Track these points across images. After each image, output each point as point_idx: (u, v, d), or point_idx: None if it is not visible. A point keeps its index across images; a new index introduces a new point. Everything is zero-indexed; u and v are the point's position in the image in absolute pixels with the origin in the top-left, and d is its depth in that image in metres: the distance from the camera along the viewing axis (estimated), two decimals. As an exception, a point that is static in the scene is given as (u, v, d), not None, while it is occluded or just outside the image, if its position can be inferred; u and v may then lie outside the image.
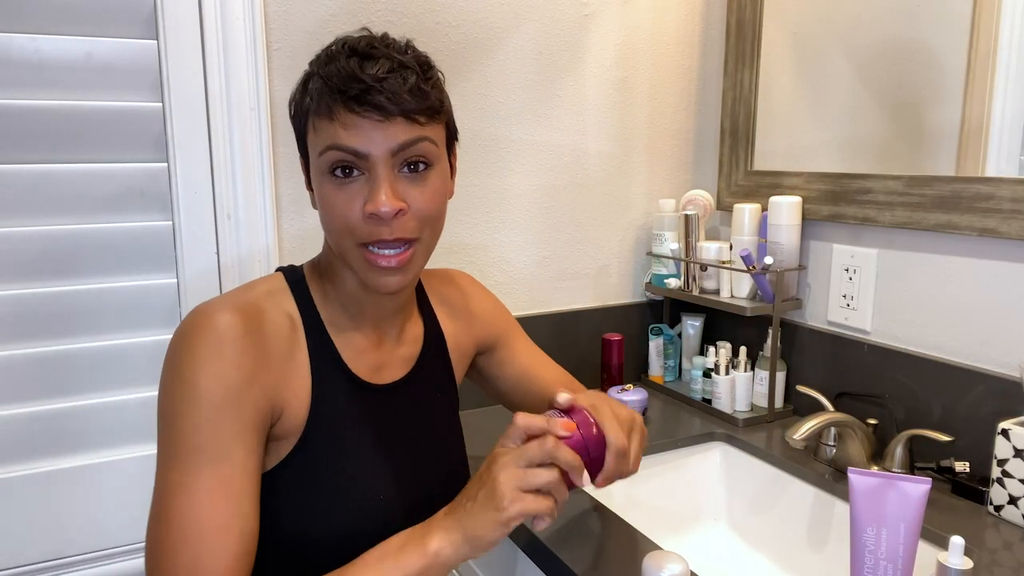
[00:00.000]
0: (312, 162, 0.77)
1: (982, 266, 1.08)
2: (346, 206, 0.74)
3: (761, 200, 1.38)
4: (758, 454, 1.21)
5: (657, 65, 1.50)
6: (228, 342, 0.71)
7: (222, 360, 0.70)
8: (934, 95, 1.12)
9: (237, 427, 0.70)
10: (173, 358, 0.72)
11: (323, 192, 0.75)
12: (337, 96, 0.72)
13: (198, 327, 0.72)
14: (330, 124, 0.73)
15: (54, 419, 1.09)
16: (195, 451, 0.69)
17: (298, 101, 0.78)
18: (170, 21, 1.07)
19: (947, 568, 0.76)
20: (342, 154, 0.73)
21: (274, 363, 0.75)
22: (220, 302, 0.74)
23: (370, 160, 0.73)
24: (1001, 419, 0.98)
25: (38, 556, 1.10)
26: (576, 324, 1.48)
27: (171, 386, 0.71)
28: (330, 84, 0.72)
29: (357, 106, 0.71)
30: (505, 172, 1.39)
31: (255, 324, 0.74)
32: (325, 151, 0.73)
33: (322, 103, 0.73)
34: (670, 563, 0.74)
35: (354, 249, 0.75)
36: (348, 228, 0.74)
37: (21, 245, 1.06)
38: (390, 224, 0.73)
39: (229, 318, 0.72)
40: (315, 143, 0.75)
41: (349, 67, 0.72)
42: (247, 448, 0.71)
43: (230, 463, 0.70)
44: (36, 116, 1.04)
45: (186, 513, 0.68)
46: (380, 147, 0.72)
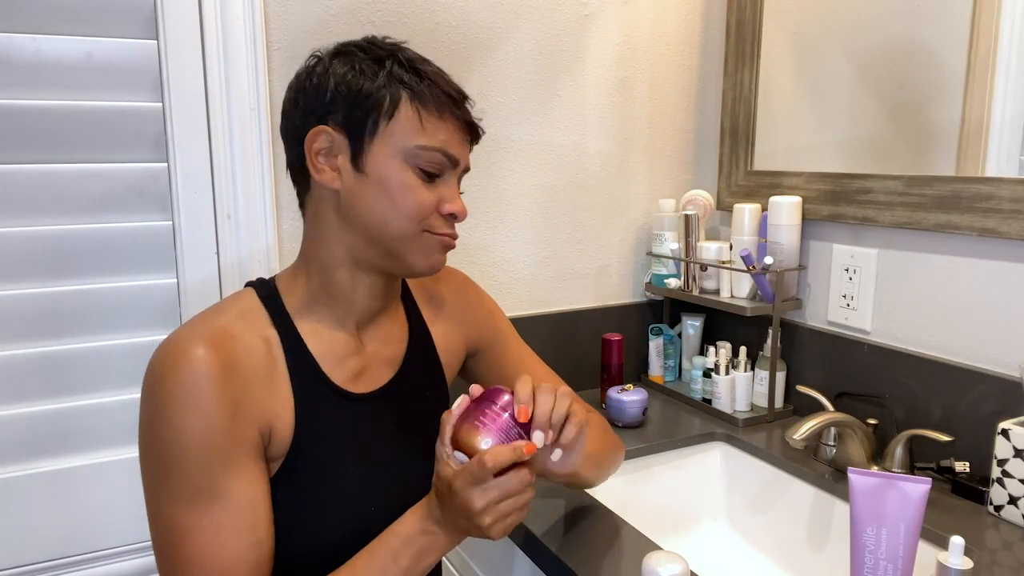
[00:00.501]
0: (397, 147, 0.76)
1: (982, 266, 1.08)
2: (428, 201, 0.78)
3: (761, 200, 1.38)
4: (758, 454, 1.21)
5: (657, 65, 1.50)
6: (206, 381, 0.70)
7: (203, 401, 0.70)
8: (934, 95, 1.12)
9: (231, 461, 0.71)
10: (152, 404, 0.71)
11: (404, 179, 0.77)
12: (448, 100, 0.77)
13: (171, 366, 0.70)
14: (440, 123, 0.77)
15: (54, 419, 1.09)
16: (197, 494, 0.69)
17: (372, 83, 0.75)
18: (170, 21, 1.07)
19: (947, 568, 0.76)
20: (444, 159, 0.78)
21: (254, 390, 0.74)
22: (192, 334, 0.72)
23: (457, 168, 0.80)
24: (1001, 419, 0.98)
25: (38, 556, 1.10)
26: (576, 324, 1.48)
27: (154, 432, 0.70)
28: (438, 84, 0.77)
29: (462, 116, 0.79)
30: (505, 172, 1.39)
31: (230, 356, 0.72)
32: (433, 151, 0.77)
33: (431, 97, 0.76)
34: (670, 563, 0.74)
35: (418, 235, 0.79)
36: (421, 217, 0.78)
37: (21, 245, 1.06)
38: (454, 225, 0.83)
39: (203, 354, 0.71)
40: (415, 133, 0.76)
41: (446, 76, 0.79)
42: (248, 478, 0.72)
43: (233, 498, 0.71)
44: (36, 116, 1.04)
45: (202, 553, 0.69)
46: (465, 161, 0.82)
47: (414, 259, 0.80)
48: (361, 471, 0.81)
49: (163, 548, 0.71)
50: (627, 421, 1.28)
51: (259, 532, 0.72)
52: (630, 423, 1.29)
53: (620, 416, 1.28)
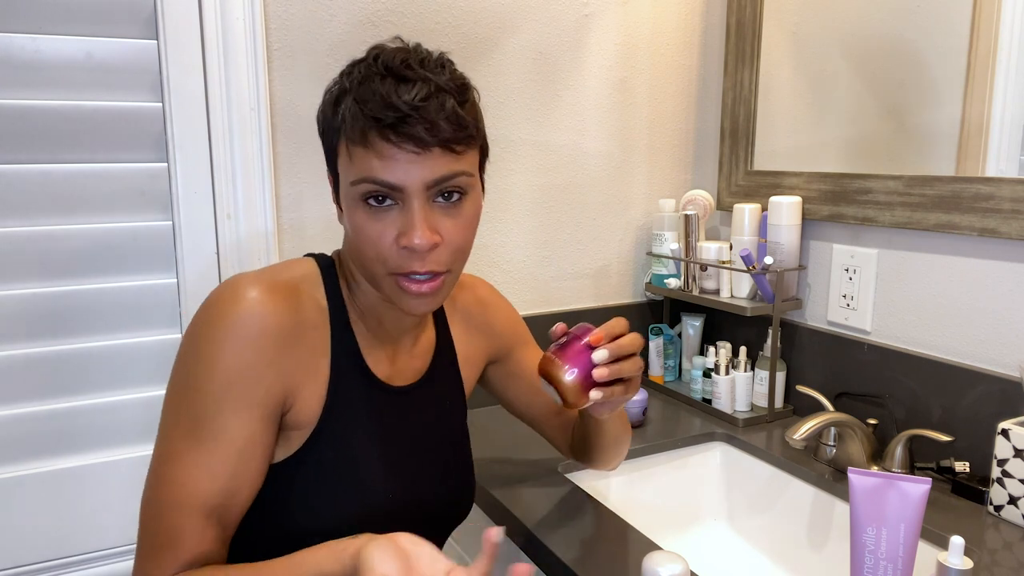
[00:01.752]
0: (343, 187, 0.74)
1: (982, 266, 1.08)
2: (379, 236, 0.71)
3: (761, 200, 1.38)
4: (758, 454, 1.21)
5: (657, 65, 1.50)
6: (253, 321, 0.71)
7: (242, 339, 0.70)
8: (934, 95, 1.12)
9: (243, 407, 0.71)
10: (196, 328, 0.72)
11: (355, 219, 0.73)
12: (372, 123, 0.69)
13: (226, 300, 0.71)
14: (364, 153, 0.70)
15: (54, 419, 1.09)
16: (196, 424, 0.70)
17: (329, 118, 0.74)
18: (170, 21, 1.07)
19: (947, 568, 0.76)
20: (376, 187, 0.70)
21: (295, 350, 0.75)
22: (255, 277, 0.74)
23: (405, 192, 0.70)
24: (1001, 419, 0.98)
25: (38, 556, 1.10)
26: (576, 324, 1.48)
27: (187, 356, 0.72)
28: (364, 109, 0.69)
29: (393, 136, 0.68)
30: (505, 172, 1.39)
31: (284, 308, 0.73)
32: (359, 182, 0.71)
33: (355, 129, 0.70)
34: (670, 563, 0.74)
35: (386, 277, 0.74)
36: (380, 258, 0.72)
37: (21, 245, 1.06)
38: (423, 257, 0.72)
39: (260, 296, 0.71)
40: (348, 170, 0.72)
41: (384, 91, 0.68)
42: (250, 429, 0.72)
43: (227, 442, 0.70)
44: (36, 116, 1.04)
45: (174, 481, 0.70)
46: (416, 180, 0.70)
47: (396, 301, 0.76)
48: (382, 459, 0.81)
49: (151, 463, 0.72)
50: (627, 421, 1.28)
51: (237, 481, 0.71)
52: (630, 423, 1.28)
53: (620, 416, 1.28)
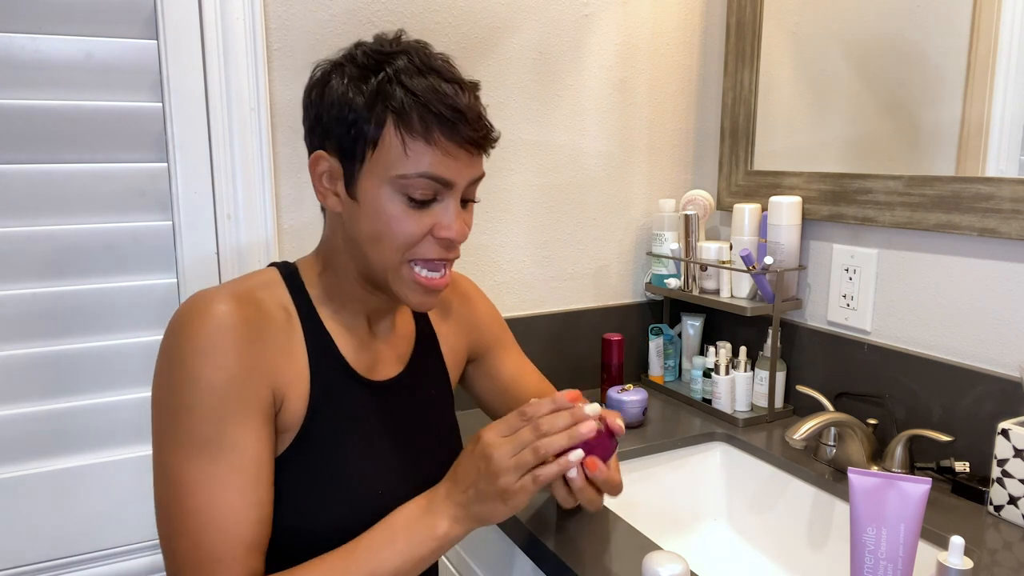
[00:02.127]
0: (381, 176, 0.73)
1: (982, 266, 1.08)
2: (415, 227, 0.74)
3: (761, 200, 1.38)
4: (758, 454, 1.21)
5: (657, 65, 1.50)
6: (227, 331, 0.71)
7: (222, 350, 0.70)
8: (934, 95, 1.12)
9: (244, 416, 0.71)
10: (171, 349, 0.71)
11: (391, 209, 0.73)
12: (438, 120, 0.71)
13: (196, 316, 0.72)
14: (427, 149, 0.72)
15: (54, 419, 1.09)
16: (206, 443, 0.69)
17: (364, 108, 0.72)
18: (170, 21, 1.07)
19: (947, 568, 0.76)
20: (433, 184, 0.73)
21: (271, 352, 0.75)
22: (216, 291, 0.74)
23: (454, 188, 0.75)
24: (1001, 419, 0.98)
25: (39, 556, 1.10)
26: (576, 324, 1.48)
27: (171, 378, 0.71)
28: (430, 106, 0.71)
29: (457, 136, 0.72)
30: (505, 172, 1.39)
31: (251, 312, 0.74)
32: (416, 177, 0.72)
33: (417, 121, 0.71)
34: (670, 563, 0.74)
35: (403, 266, 0.76)
36: (408, 245, 0.75)
37: (21, 245, 1.06)
38: (452, 247, 0.77)
39: (226, 307, 0.72)
40: (398, 161, 0.72)
41: (439, 88, 0.72)
42: (257, 436, 0.72)
43: (241, 452, 0.70)
44: (36, 116, 1.04)
45: (203, 504, 0.68)
46: (465, 178, 0.75)
47: (400, 295, 0.78)
48: (370, 455, 0.81)
49: (164, 499, 0.70)
50: (627, 421, 1.28)
51: (261, 492, 0.71)
52: (630, 423, 1.29)
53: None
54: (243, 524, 0.70)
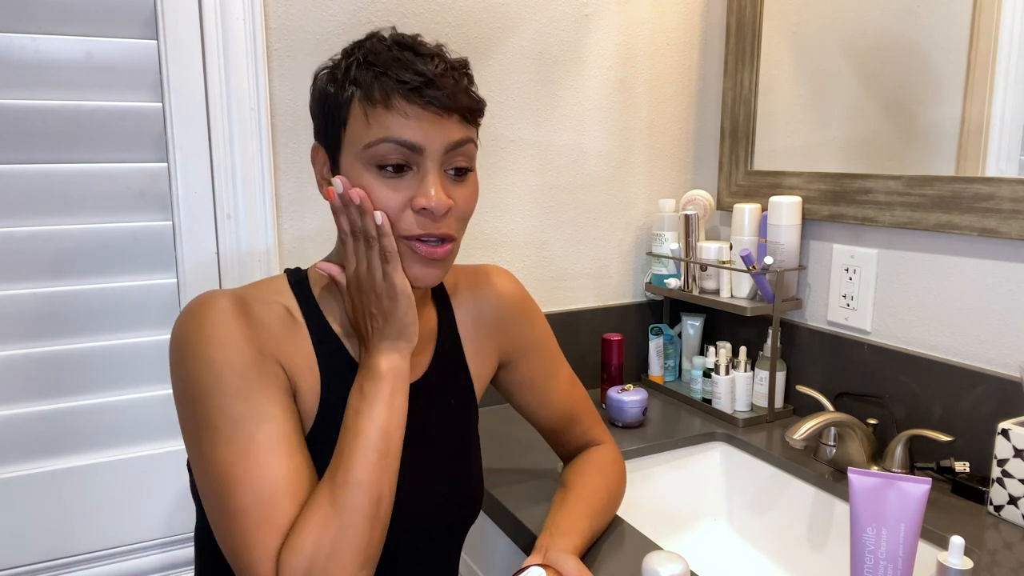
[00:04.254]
0: (353, 153, 0.73)
1: (982, 266, 1.08)
2: (392, 200, 0.73)
3: (761, 200, 1.38)
4: (758, 454, 1.21)
5: (657, 65, 1.50)
6: (233, 319, 0.72)
7: (232, 334, 0.71)
8: (934, 95, 1.12)
9: (268, 391, 0.71)
10: (182, 342, 0.72)
11: (365, 185, 0.73)
12: (397, 86, 0.71)
13: (201, 309, 0.73)
14: (387, 113, 0.71)
15: (54, 419, 1.09)
16: (239, 421, 0.69)
17: (335, 91, 0.74)
18: (170, 21, 1.07)
19: (947, 568, 0.76)
20: (397, 147, 0.71)
21: (277, 342, 0.75)
22: (218, 291, 0.76)
23: (424, 154, 0.72)
24: (1001, 419, 0.98)
25: (38, 556, 1.10)
26: (576, 324, 1.48)
27: (188, 368, 0.71)
28: (390, 73, 0.71)
29: (418, 98, 0.71)
30: (505, 172, 1.39)
31: (253, 311, 0.75)
32: (377, 143, 0.71)
33: (377, 91, 0.71)
34: (670, 563, 0.74)
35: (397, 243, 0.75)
36: (392, 220, 0.74)
37: (21, 245, 1.06)
38: (438, 221, 0.74)
39: (229, 303, 0.73)
40: (364, 133, 0.72)
41: (405, 58, 0.72)
42: (284, 407, 0.72)
43: (276, 422, 0.71)
44: (36, 116, 1.04)
45: (255, 476, 0.68)
46: (437, 142, 0.73)
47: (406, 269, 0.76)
48: None
49: (210, 487, 0.70)
50: (627, 421, 1.28)
51: (304, 457, 0.72)
52: (630, 423, 1.29)
53: (620, 416, 1.28)
54: (298, 484, 0.69)
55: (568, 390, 1.00)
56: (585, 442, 1.01)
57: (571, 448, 1.02)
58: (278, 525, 0.68)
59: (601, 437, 1.02)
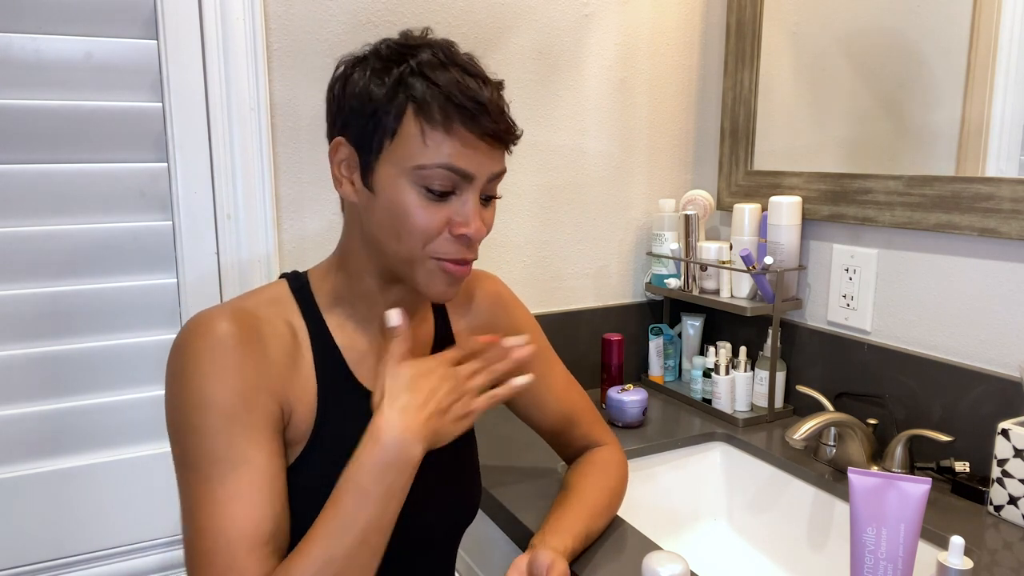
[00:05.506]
0: (400, 168, 0.72)
1: (982, 266, 1.08)
2: (432, 220, 0.73)
3: (761, 200, 1.38)
4: (758, 454, 1.21)
5: (657, 65, 1.50)
6: (229, 350, 0.71)
7: (225, 368, 0.70)
8: (934, 95, 1.12)
9: (251, 432, 0.70)
10: (176, 370, 0.71)
11: (408, 201, 0.73)
12: (458, 111, 0.71)
13: (197, 336, 0.71)
14: (446, 138, 0.71)
15: (54, 419, 1.09)
16: (214, 461, 0.69)
17: (383, 95, 0.72)
18: (170, 21, 1.07)
19: (947, 568, 0.76)
20: (452, 175, 0.72)
21: (277, 367, 0.74)
22: (218, 310, 0.74)
23: (472, 183, 0.74)
24: (1001, 419, 0.98)
25: (38, 556, 1.10)
26: (576, 324, 1.48)
27: (178, 399, 0.71)
28: (452, 96, 0.71)
29: (477, 128, 0.72)
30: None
31: (253, 332, 0.73)
32: (435, 167, 0.72)
33: (437, 111, 0.71)
34: (670, 563, 0.74)
35: (426, 260, 0.75)
36: (427, 240, 0.74)
37: (21, 245, 1.06)
38: (471, 246, 0.76)
39: (227, 326, 0.72)
40: (417, 152, 0.72)
41: (462, 81, 0.72)
42: (267, 451, 0.71)
43: (251, 468, 0.69)
44: (36, 116, 1.04)
45: (214, 522, 0.67)
46: (485, 172, 0.75)
47: (421, 285, 0.77)
48: None
49: (183, 518, 0.70)
50: (627, 421, 1.28)
51: (276, 506, 0.70)
52: (630, 423, 1.29)
53: (620, 416, 1.28)
54: (254, 540, 0.68)
55: (564, 391, 1.00)
56: (586, 444, 1.01)
57: (573, 450, 1.01)
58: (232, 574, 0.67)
59: (603, 438, 1.01)
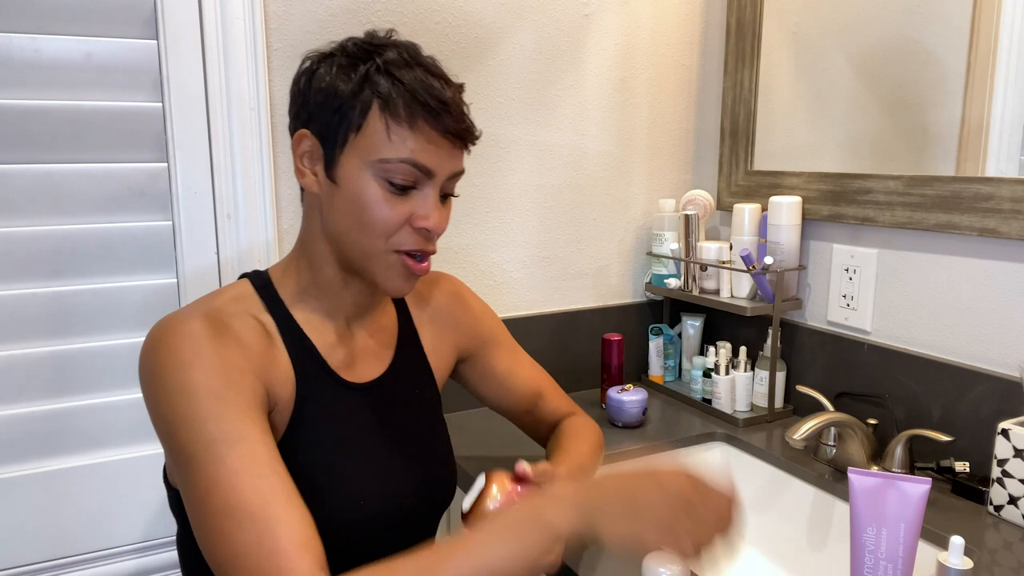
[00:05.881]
0: (364, 160, 0.75)
1: (982, 266, 1.08)
2: (393, 214, 0.76)
3: (761, 200, 1.38)
4: (758, 454, 1.21)
5: (657, 65, 1.50)
6: (206, 339, 0.71)
7: (205, 356, 0.70)
8: (934, 95, 1.12)
9: (241, 410, 0.70)
10: (153, 368, 0.70)
11: (370, 192, 0.75)
12: (423, 109, 0.74)
13: (170, 334, 0.71)
14: (410, 134, 0.74)
15: (54, 419, 1.09)
16: (211, 444, 0.68)
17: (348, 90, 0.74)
18: (170, 21, 1.07)
19: (947, 568, 0.76)
20: (414, 170, 0.75)
21: (256, 356, 0.74)
22: (184, 312, 0.74)
23: (432, 179, 0.77)
24: (1001, 419, 0.98)
25: (38, 556, 1.10)
26: (576, 324, 1.48)
27: (162, 392, 0.70)
28: (416, 94, 0.73)
29: (440, 126, 0.75)
30: (505, 172, 1.39)
31: (224, 327, 0.73)
32: (397, 162, 0.74)
33: (402, 108, 0.73)
34: (670, 563, 0.74)
35: (388, 254, 0.77)
36: (388, 234, 0.76)
37: (21, 245, 1.06)
38: (431, 239, 0.79)
39: (199, 323, 0.72)
40: (381, 146, 0.74)
41: (425, 80, 0.75)
42: (259, 427, 0.71)
43: (248, 442, 0.69)
44: (36, 116, 1.04)
45: (228, 502, 0.66)
46: (446, 169, 0.78)
47: (379, 278, 0.79)
48: (353, 459, 0.81)
49: (194, 511, 0.68)
50: (627, 421, 1.28)
51: (282, 473, 0.69)
52: (630, 423, 1.29)
53: (620, 416, 1.28)
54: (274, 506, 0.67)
55: (530, 371, 1.05)
56: (557, 416, 1.05)
57: (546, 426, 1.05)
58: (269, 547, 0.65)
59: (572, 408, 1.06)
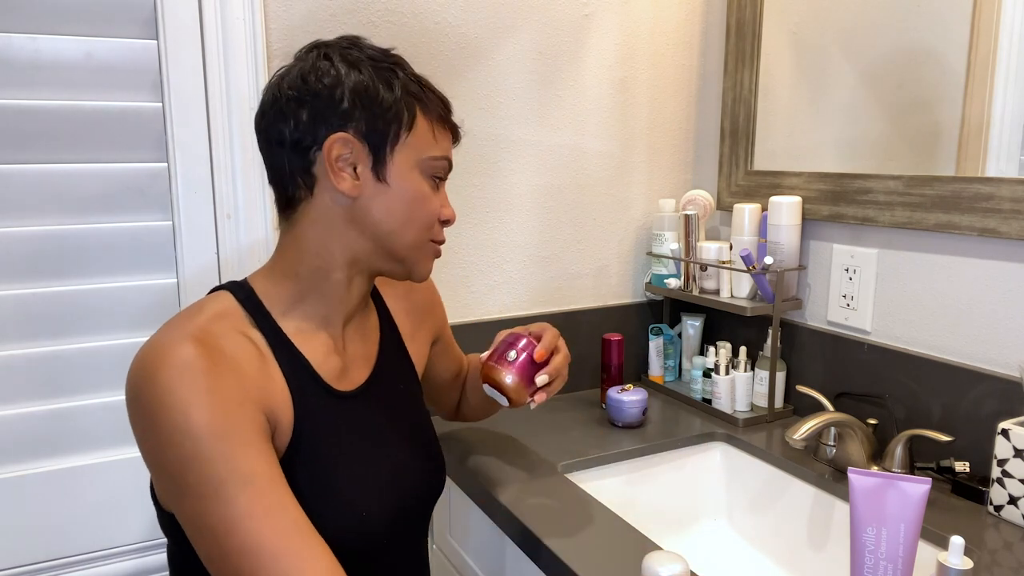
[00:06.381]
0: (415, 159, 0.81)
1: (982, 266, 1.08)
2: (435, 206, 0.84)
3: (761, 200, 1.38)
4: (758, 454, 1.21)
5: (657, 65, 1.50)
6: (201, 373, 0.68)
7: (203, 393, 0.68)
8: (934, 95, 1.12)
9: (246, 445, 0.69)
10: (148, 406, 0.68)
11: (422, 188, 0.82)
12: (443, 111, 0.84)
13: (162, 367, 0.68)
14: (444, 135, 0.84)
15: (54, 419, 1.09)
16: (221, 485, 0.67)
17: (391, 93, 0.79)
18: (170, 21, 1.07)
19: (947, 568, 0.76)
20: (448, 166, 0.85)
21: (252, 381, 0.73)
22: (173, 336, 0.71)
23: (448, 174, 0.87)
24: (1001, 419, 0.98)
25: (38, 556, 1.10)
26: (576, 324, 1.48)
27: (162, 436, 0.68)
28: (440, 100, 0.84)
29: (453, 128, 0.86)
30: (505, 172, 1.39)
31: (217, 352, 0.71)
32: (441, 159, 0.83)
33: (434, 111, 0.82)
34: (670, 563, 0.74)
35: (427, 243, 0.85)
36: (430, 224, 0.83)
37: (21, 245, 1.06)
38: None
39: (191, 350, 0.69)
40: (430, 144, 0.82)
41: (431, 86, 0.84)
42: (266, 459, 0.70)
43: (259, 479, 0.68)
44: (36, 116, 1.04)
45: (246, 543, 0.66)
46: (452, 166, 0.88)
47: (419, 266, 0.85)
48: (354, 471, 0.81)
49: (206, 548, 0.68)
50: (627, 421, 1.28)
51: (292, 510, 0.69)
52: (630, 423, 1.29)
53: (620, 416, 1.28)
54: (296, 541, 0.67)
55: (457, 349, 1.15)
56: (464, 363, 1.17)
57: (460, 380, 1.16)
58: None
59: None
